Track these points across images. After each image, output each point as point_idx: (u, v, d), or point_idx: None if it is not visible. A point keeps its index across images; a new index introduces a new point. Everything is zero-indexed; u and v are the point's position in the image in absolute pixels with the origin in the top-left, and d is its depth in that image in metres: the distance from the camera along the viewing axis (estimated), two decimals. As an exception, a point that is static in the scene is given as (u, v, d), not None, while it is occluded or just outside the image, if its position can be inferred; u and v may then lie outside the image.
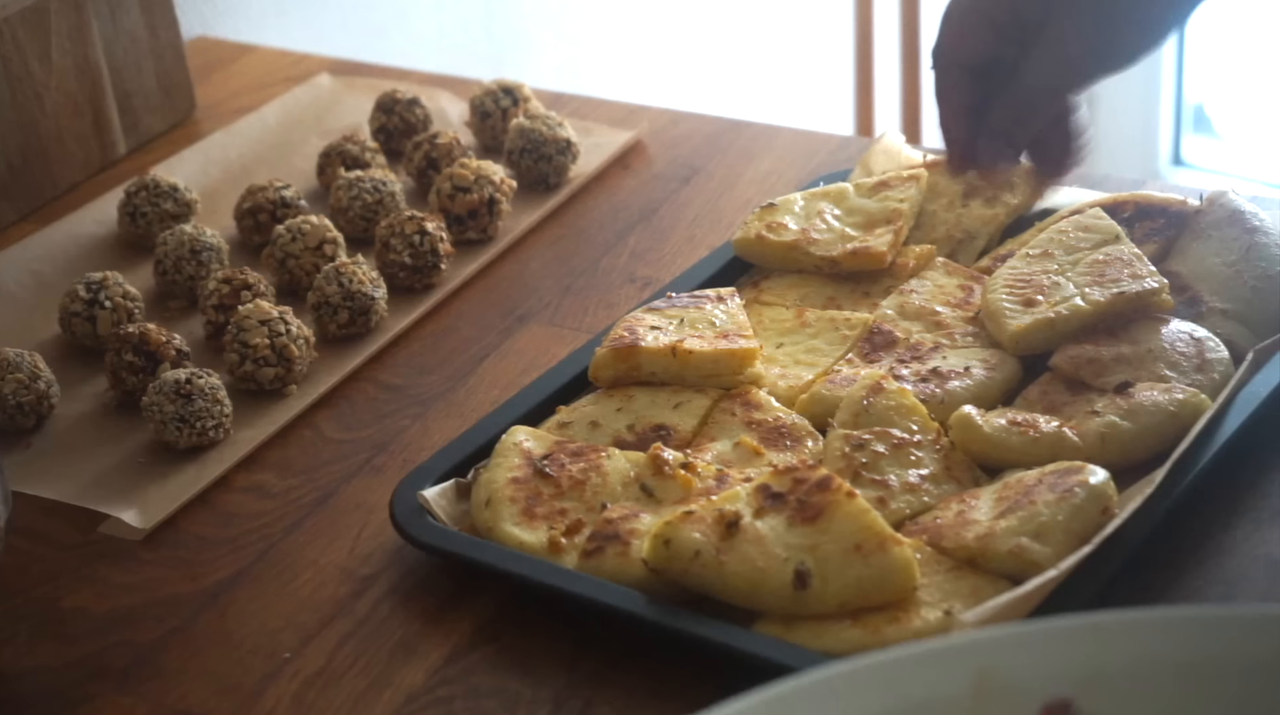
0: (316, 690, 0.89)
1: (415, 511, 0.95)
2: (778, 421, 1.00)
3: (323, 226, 1.20)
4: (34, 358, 1.10)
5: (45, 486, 1.05)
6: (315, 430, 1.09)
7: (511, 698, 0.87)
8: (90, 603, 0.96)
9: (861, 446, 0.95)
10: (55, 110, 1.35)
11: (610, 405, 1.02)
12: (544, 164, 1.31)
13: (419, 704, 0.87)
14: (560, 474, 0.96)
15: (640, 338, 1.03)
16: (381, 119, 1.39)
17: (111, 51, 1.39)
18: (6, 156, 1.33)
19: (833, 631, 0.84)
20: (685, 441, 1.00)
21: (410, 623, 0.93)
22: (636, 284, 1.21)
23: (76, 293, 1.16)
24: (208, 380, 1.06)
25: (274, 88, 1.51)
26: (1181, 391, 0.96)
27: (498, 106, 1.37)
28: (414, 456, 1.05)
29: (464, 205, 1.24)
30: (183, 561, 0.99)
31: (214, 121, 1.46)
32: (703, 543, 0.87)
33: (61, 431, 1.10)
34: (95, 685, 0.91)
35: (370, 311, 1.15)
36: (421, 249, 1.19)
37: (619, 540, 0.90)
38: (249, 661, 0.91)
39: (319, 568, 0.97)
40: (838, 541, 0.86)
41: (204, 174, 1.36)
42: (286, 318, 1.11)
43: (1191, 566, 0.91)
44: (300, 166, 1.37)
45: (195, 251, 1.20)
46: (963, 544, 0.88)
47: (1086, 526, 0.88)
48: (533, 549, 0.92)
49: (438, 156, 1.31)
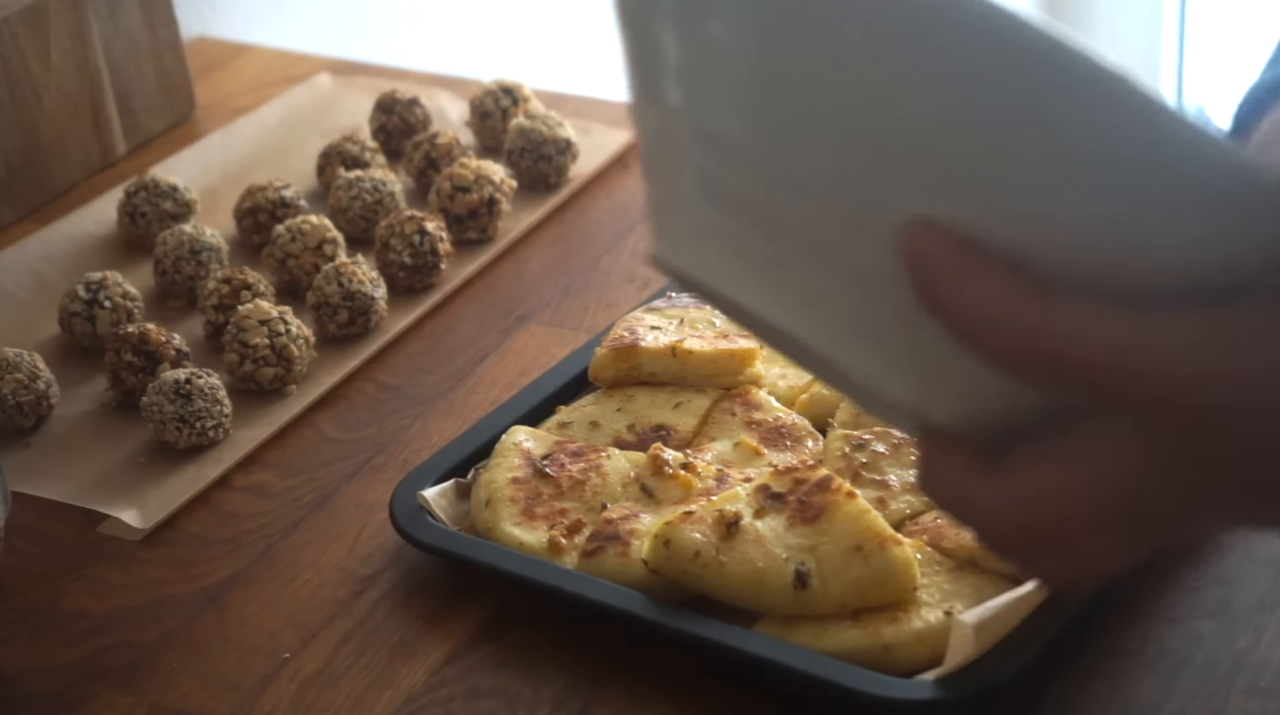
0: (316, 690, 0.89)
1: (415, 511, 0.95)
2: (778, 421, 1.00)
3: (322, 226, 1.20)
4: (33, 358, 1.10)
5: (45, 486, 1.05)
6: (315, 430, 1.09)
7: (511, 698, 0.87)
8: (90, 603, 0.96)
9: (862, 446, 0.95)
10: (54, 110, 1.35)
11: (610, 405, 1.02)
12: (544, 164, 1.31)
13: (419, 704, 0.87)
14: (560, 474, 0.96)
15: (640, 338, 1.03)
16: (381, 119, 1.39)
17: (111, 51, 1.39)
18: (6, 156, 1.33)
19: (833, 631, 0.84)
20: (685, 441, 0.99)
21: (410, 623, 0.93)
22: (636, 284, 1.21)
23: (76, 293, 1.16)
24: (207, 380, 1.06)
25: (273, 88, 1.51)
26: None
27: (498, 106, 1.37)
28: (414, 456, 1.05)
29: (464, 205, 1.24)
30: (182, 561, 0.99)
31: (213, 121, 1.46)
32: (703, 543, 0.87)
33: (61, 431, 1.10)
34: (95, 685, 0.91)
35: (370, 311, 1.15)
36: (421, 249, 1.19)
37: (619, 540, 0.90)
38: (249, 661, 0.91)
39: (319, 568, 0.97)
40: (838, 542, 0.86)
41: (204, 174, 1.36)
42: (286, 318, 1.10)
43: (1192, 566, 0.91)
44: (300, 166, 1.37)
45: (195, 251, 1.20)
46: (963, 544, 0.88)
47: (1087, 526, 0.88)
48: (533, 549, 0.92)
49: (438, 156, 1.31)
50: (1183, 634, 0.87)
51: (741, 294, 0.57)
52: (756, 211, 0.55)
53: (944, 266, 0.51)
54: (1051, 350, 0.51)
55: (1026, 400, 0.54)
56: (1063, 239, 0.52)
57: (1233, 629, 0.87)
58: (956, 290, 0.51)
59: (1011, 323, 0.51)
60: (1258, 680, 0.84)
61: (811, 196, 0.54)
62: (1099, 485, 0.53)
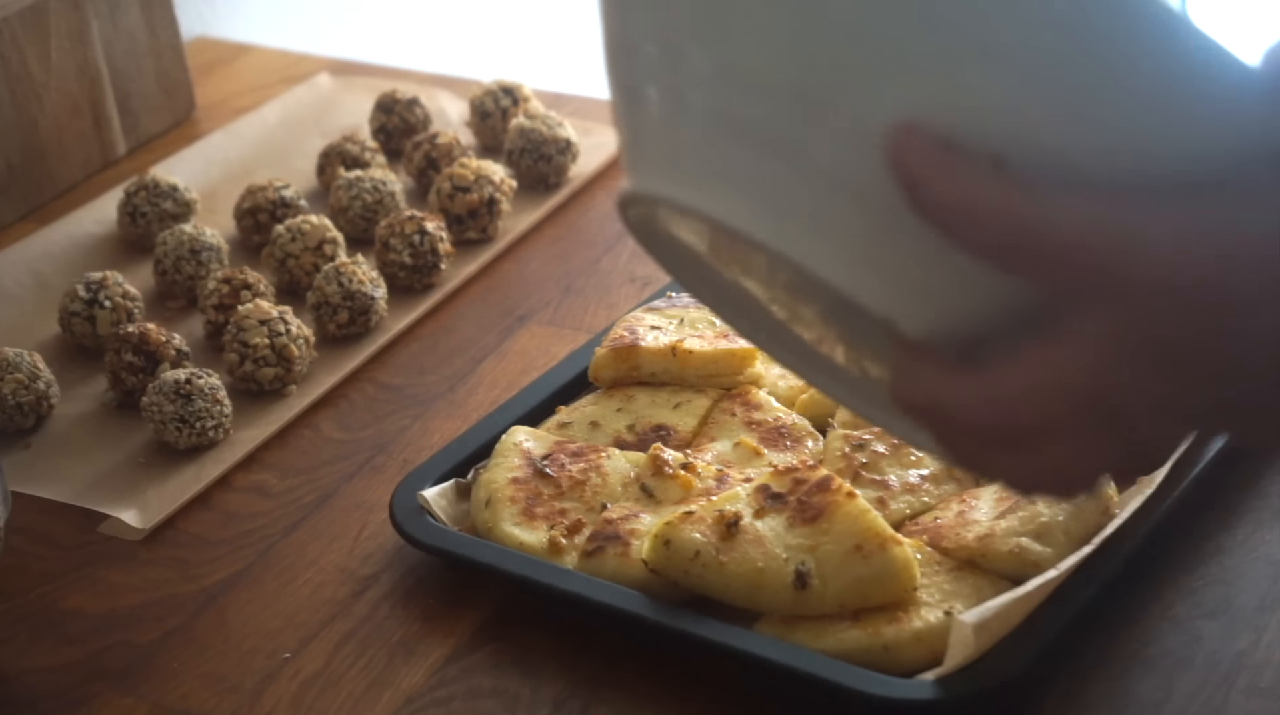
0: (316, 690, 0.89)
1: (415, 511, 0.95)
2: (778, 421, 1.00)
3: (323, 226, 1.20)
4: (34, 358, 1.10)
5: (45, 486, 1.05)
6: (315, 430, 1.09)
7: (511, 698, 0.87)
8: (90, 603, 0.96)
9: (861, 446, 0.95)
10: (55, 110, 1.35)
11: (610, 405, 1.02)
12: (544, 164, 1.31)
13: (419, 704, 0.87)
14: (560, 474, 0.96)
15: (640, 338, 1.03)
16: (381, 119, 1.39)
17: (111, 51, 1.39)
18: (6, 156, 1.33)
19: (833, 631, 0.84)
20: (685, 441, 0.99)
21: (410, 623, 0.93)
22: (636, 284, 1.21)
23: (76, 293, 1.16)
24: (207, 380, 1.06)
25: (273, 88, 1.51)
26: (1182, 391, 0.96)
27: (498, 106, 1.37)
28: (414, 456, 1.05)
29: (464, 205, 1.24)
30: (182, 562, 0.99)
31: (213, 121, 1.46)
32: (703, 543, 0.87)
33: (61, 431, 1.10)
34: (95, 685, 0.91)
35: (370, 311, 1.15)
36: (421, 249, 1.19)
37: (619, 540, 0.90)
38: (249, 661, 0.91)
39: (319, 568, 0.97)
40: (838, 541, 0.85)
41: (204, 174, 1.36)
42: (286, 318, 1.10)
43: (1192, 566, 0.91)
44: (300, 166, 1.37)
45: (195, 251, 1.20)
46: (963, 544, 0.88)
47: (1086, 526, 0.88)
48: (533, 549, 0.92)
49: (438, 156, 1.31)
50: (1183, 634, 0.87)
51: (718, 208, 0.57)
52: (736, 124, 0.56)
53: (928, 162, 0.54)
54: (1030, 233, 0.54)
55: (1002, 301, 0.56)
56: (1040, 136, 0.54)
57: (1233, 629, 0.87)
58: (941, 183, 0.54)
59: (993, 209, 0.54)
60: (1258, 680, 0.84)
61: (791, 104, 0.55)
62: (1067, 381, 0.55)
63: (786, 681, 0.84)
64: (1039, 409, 0.56)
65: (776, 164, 0.56)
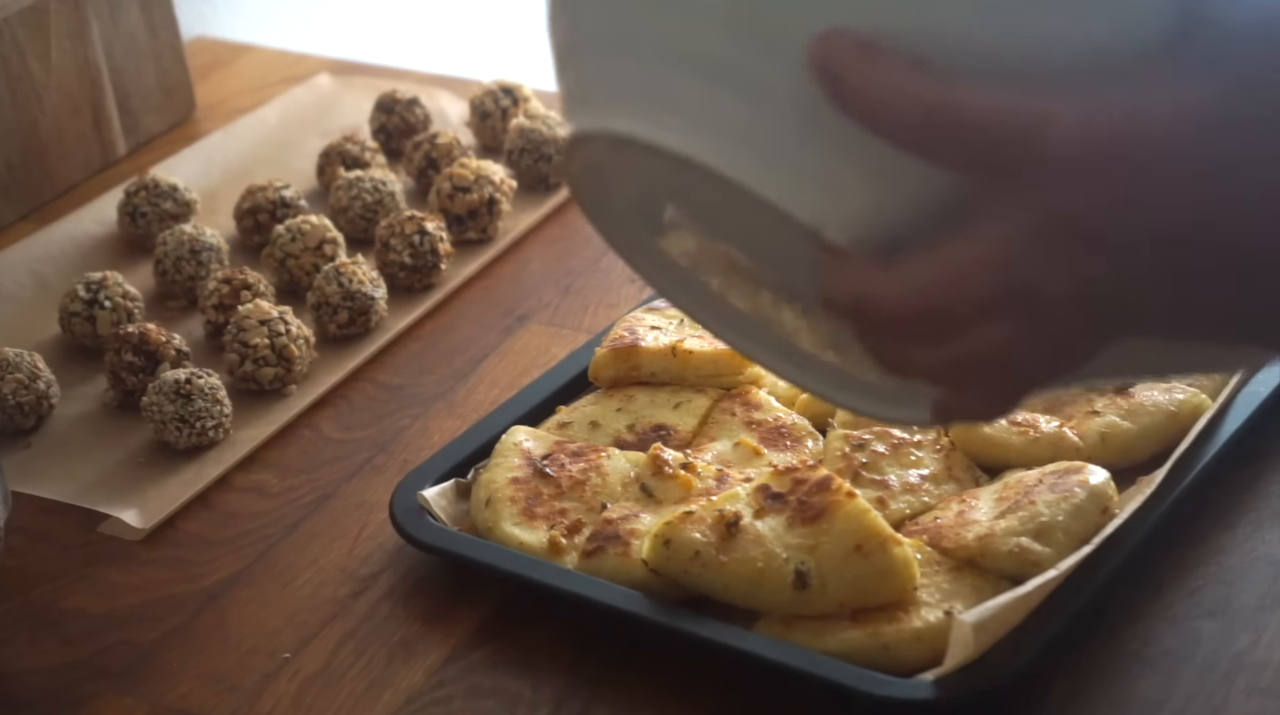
0: (316, 690, 0.89)
1: (415, 511, 0.95)
2: (778, 421, 1.00)
3: (322, 226, 1.20)
4: (34, 358, 1.10)
5: (45, 486, 1.05)
6: (315, 430, 1.09)
7: (511, 698, 0.87)
8: (90, 603, 0.96)
9: (861, 446, 0.95)
10: (55, 110, 1.35)
11: (610, 405, 1.02)
12: (544, 164, 1.31)
13: (419, 704, 0.87)
14: (560, 474, 0.96)
15: (640, 338, 1.04)
16: (381, 119, 1.39)
17: (111, 51, 1.39)
18: (6, 156, 1.33)
19: (833, 631, 0.84)
20: (685, 441, 1.00)
21: (410, 623, 0.93)
22: (636, 284, 1.20)
23: (76, 293, 1.16)
24: (207, 380, 1.06)
25: (273, 88, 1.51)
26: (1182, 391, 0.96)
27: (498, 106, 1.37)
28: (414, 456, 1.05)
29: (464, 205, 1.24)
30: (182, 561, 0.99)
31: (214, 121, 1.46)
32: (703, 543, 0.87)
33: (61, 431, 1.10)
34: (95, 685, 0.91)
35: (370, 311, 1.15)
36: (421, 249, 1.19)
37: (619, 540, 0.90)
38: (249, 661, 0.91)
39: (319, 568, 0.97)
40: (838, 541, 0.85)
41: (204, 174, 1.36)
42: (286, 318, 1.11)
43: (1192, 566, 0.91)
44: (300, 166, 1.37)
45: (195, 251, 1.20)
46: (963, 544, 0.88)
47: (1087, 526, 0.88)
48: (533, 549, 0.92)
49: (438, 156, 1.31)
50: (1183, 634, 0.87)
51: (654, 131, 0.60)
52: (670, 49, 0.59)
53: (851, 61, 0.56)
54: (946, 115, 0.56)
55: (923, 199, 0.58)
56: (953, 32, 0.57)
57: (1232, 629, 0.87)
58: (861, 75, 0.56)
59: (910, 95, 0.56)
60: (1257, 680, 0.84)
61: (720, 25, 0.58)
62: (981, 263, 0.57)
63: (786, 681, 0.84)
64: (955, 296, 0.58)
65: (709, 84, 0.58)
